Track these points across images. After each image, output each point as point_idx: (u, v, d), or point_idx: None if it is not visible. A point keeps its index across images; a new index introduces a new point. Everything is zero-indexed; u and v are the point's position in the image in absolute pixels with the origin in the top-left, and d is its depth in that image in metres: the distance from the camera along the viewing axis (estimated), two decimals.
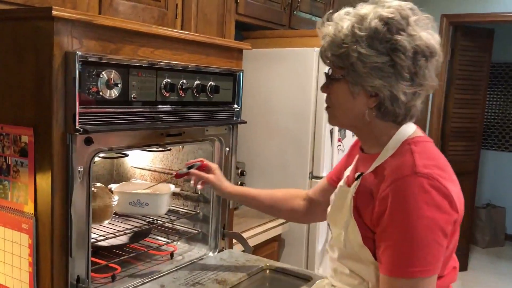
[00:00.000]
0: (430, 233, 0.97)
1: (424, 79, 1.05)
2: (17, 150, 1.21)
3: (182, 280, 1.43)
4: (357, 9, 1.08)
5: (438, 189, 0.98)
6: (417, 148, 1.06)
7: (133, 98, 1.30)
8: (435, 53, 1.06)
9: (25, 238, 1.21)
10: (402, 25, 1.03)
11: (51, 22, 1.10)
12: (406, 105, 1.07)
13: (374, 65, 1.03)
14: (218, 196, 1.68)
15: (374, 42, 1.02)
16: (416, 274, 0.97)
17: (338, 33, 1.06)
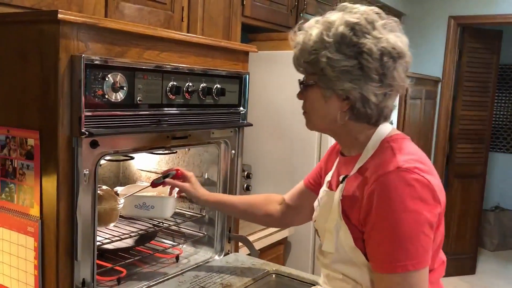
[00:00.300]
0: (417, 226, 0.99)
1: (393, 80, 1.08)
2: (23, 153, 1.21)
3: (188, 283, 1.43)
4: (326, 17, 1.12)
5: (421, 182, 1.00)
6: (397, 145, 1.09)
7: (138, 101, 1.30)
8: (403, 54, 1.09)
9: (31, 241, 1.21)
10: (368, 29, 1.06)
11: (57, 26, 1.10)
12: (378, 106, 1.10)
13: (343, 69, 1.06)
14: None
15: (342, 46, 1.06)
16: (409, 267, 0.98)
17: (308, 41, 1.11)
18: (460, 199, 4.50)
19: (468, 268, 4.59)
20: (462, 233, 4.54)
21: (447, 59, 4.29)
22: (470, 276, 4.56)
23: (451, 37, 4.25)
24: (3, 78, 1.24)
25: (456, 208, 4.51)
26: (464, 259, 4.57)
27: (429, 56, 4.34)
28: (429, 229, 1.00)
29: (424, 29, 4.36)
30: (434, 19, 4.31)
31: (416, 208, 0.99)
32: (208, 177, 1.77)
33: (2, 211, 1.27)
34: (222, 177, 1.70)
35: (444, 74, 4.31)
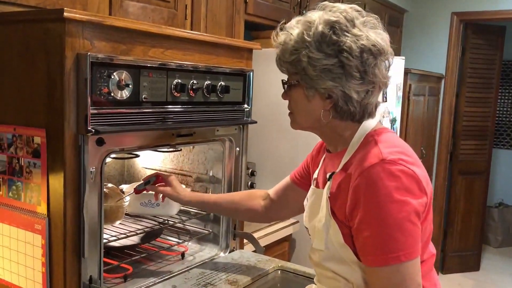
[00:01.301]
0: (405, 216, 0.99)
1: (374, 77, 1.09)
2: (30, 151, 1.22)
3: (194, 280, 1.43)
4: (306, 16, 1.12)
5: (406, 173, 1.01)
6: (381, 138, 1.10)
7: (144, 98, 1.30)
8: (383, 51, 1.09)
9: (38, 239, 1.22)
10: (348, 27, 1.07)
11: (63, 24, 1.11)
12: (361, 103, 1.11)
13: (323, 68, 1.07)
14: None
15: (322, 45, 1.07)
16: (401, 258, 0.98)
17: (289, 41, 1.11)
18: (464, 196, 4.50)
19: (473, 264, 4.59)
20: (466, 230, 4.54)
21: (450, 56, 4.28)
22: (474, 272, 4.55)
23: (454, 33, 4.24)
24: (9, 77, 1.25)
25: (460, 205, 4.50)
26: (468, 255, 4.57)
27: (432, 53, 4.34)
28: (416, 218, 1.00)
29: (427, 25, 4.35)
30: (437, 15, 4.30)
31: (403, 199, 0.99)
32: (213, 174, 1.78)
33: (9, 209, 1.28)
34: (226, 175, 1.71)
35: (447, 71, 4.30)
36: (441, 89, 4.34)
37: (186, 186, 1.81)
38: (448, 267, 4.50)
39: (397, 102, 3.10)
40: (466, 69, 4.36)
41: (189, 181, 1.84)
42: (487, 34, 4.37)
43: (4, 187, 1.29)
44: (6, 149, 1.27)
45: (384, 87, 1.14)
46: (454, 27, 4.23)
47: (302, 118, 1.18)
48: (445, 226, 4.52)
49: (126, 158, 1.88)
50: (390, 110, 2.98)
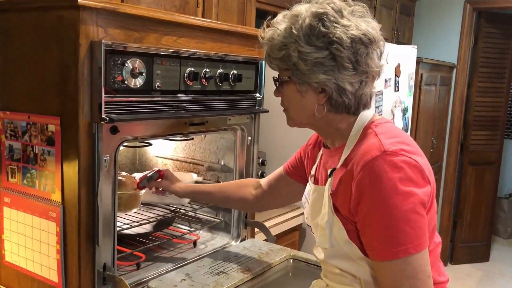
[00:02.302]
0: (411, 208, 0.97)
1: (367, 67, 1.07)
2: (44, 139, 1.22)
3: (207, 268, 1.44)
4: (293, 10, 1.10)
5: (409, 163, 0.99)
6: (380, 129, 1.08)
7: (157, 87, 1.30)
8: (374, 40, 1.07)
9: (53, 226, 1.23)
10: (336, 18, 1.05)
11: (77, 11, 1.10)
12: (355, 95, 1.09)
13: (315, 61, 1.05)
14: None
15: (312, 38, 1.05)
16: (410, 250, 0.97)
17: (277, 37, 1.09)
18: (474, 186, 4.47)
19: (482, 255, 4.57)
20: (476, 221, 4.52)
21: (463, 45, 4.23)
22: (483, 263, 4.54)
23: (467, 22, 4.18)
24: (23, 65, 1.25)
25: (470, 196, 4.48)
26: (478, 246, 4.56)
27: (444, 42, 4.29)
28: (422, 209, 0.99)
29: (439, 14, 4.30)
30: (449, 3, 4.24)
31: (408, 190, 0.97)
32: (225, 163, 1.78)
33: (24, 196, 1.29)
34: (238, 164, 1.71)
35: (459, 60, 4.25)
36: (452, 78, 4.30)
37: (198, 175, 1.81)
38: (457, 257, 4.49)
39: (409, 92, 3.07)
40: (478, 58, 4.30)
41: (200, 170, 1.84)
42: (500, 23, 4.30)
43: (18, 175, 1.30)
44: (21, 137, 1.28)
45: (377, 76, 1.12)
46: (466, 16, 4.18)
47: (297, 114, 1.16)
48: (455, 217, 4.50)
49: (139, 146, 1.88)
50: (402, 100, 2.96)
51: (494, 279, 4.21)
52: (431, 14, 4.32)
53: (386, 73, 2.73)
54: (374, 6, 3.50)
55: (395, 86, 2.84)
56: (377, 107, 2.65)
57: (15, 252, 1.33)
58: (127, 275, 1.39)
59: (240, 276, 1.40)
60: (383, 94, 2.70)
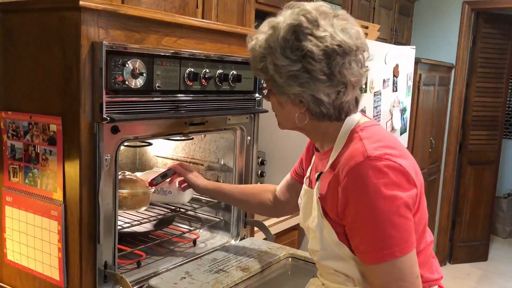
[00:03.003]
0: (396, 211, 0.99)
1: (343, 77, 1.05)
2: (46, 139, 1.24)
3: (206, 267, 1.45)
4: (274, 19, 1.10)
5: (393, 168, 1.00)
6: (365, 134, 1.09)
7: (157, 87, 1.31)
8: (351, 49, 1.05)
9: (54, 225, 1.24)
10: (310, 29, 1.04)
11: (78, 13, 1.12)
12: (334, 105, 1.09)
13: (289, 74, 1.05)
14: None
15: (286, 51, 1.05)
16: (396, 254, 0.99)
17: (258, 48, 1.10)
18: (473, 186, 4.49)
19: (481, 254, 4.59)
20: (475, 220, 4.54)
21: (461, 45, 4.24)
22: (482, 262, 4.56)
23: (465, 22, 4.20)
24: (25, 66, 1.26)
25: (469, 195, 4.49)
26: (476, 246, 4.57)
27: (442, 42, 4.30)
28: (408, 211, 1.00)
29: (438, 14, 4.31)
30: (448, 4, 4.26)
31: (392, 194, 0.98)
32: (224, 163, 1.79)
33: (26, 195, 1.30)
34: (238, 164, 1.72)
35: (458, 60, 4.27)
36: (451, 78, 4.32)
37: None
38: (456, 257, 4.51)
39: (408, 92, 3.09)
40: (477, 58, 4.32)
41: (200, 169, 1.85)
42: (498, 23, 4.32)
43: (20, 174, 1.31)
44: (22, 137, 1.29)
45: (357, 84, 1.11)
46: (465, 16, 4.19)
47: (283, 121, 1.19)
48: (454, 216, 4.52)
49: (140, 146, 1.90)
50: (400, 100, 2.97)
51: (493, 278, 4.23)
52: (430, 14, 4.33)
53: (385, 74, 2.75)
54: (373, 6, 3.52)
55: (393, 86, 2.85)
56: (376, 107, 2.67)
57: (17, 250, 1.35)
58: (128, 273, 1.41)
59: (239, 274, 1.42)
60: (382, 94, 2.72)
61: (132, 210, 1.59)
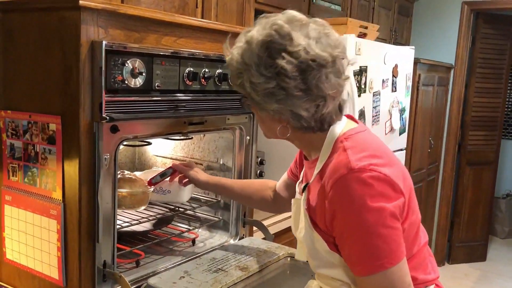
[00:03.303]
0: (383, 223, 0.98)
1: (320, 91, 1.03)
2: (45, 138, 1.24)
3: (205, 266, 1.45)
4: (247, 32, 1.06)
5: (378, 178, 0.99)
6: (349, 143, 1.07)
7: (157, 86, 1.31)
8: (326, 61, 1.01)
9: (54, 224, 1.25)
10: (283, 45, 1.00)
11: (78, 12, 1.12)
12: (315, 118, 1.07)
13: (266, 92, 1.03)
14: None
15: (261, 68, 1.02)
16: (386, 265, 0.98)
17: (234, 63, 1.07)
18: (471, 186, 4.49)
19: (479, 255, 4.60)
20: (474, 221, 4.54)
21: (460, 45, 4.25)
22: (481, 263, 4.56)
23: (464, 23, 4.21)
24: (25, 65, 1.26)
25: (468, 196, 4.50)
26: (475, 246, 4.58)
27: (442, 43, 4.31)
28: (395, 221, 0.99)
29: (437, 15, 4.32)
30: (447, 4, 4.26)
31: (378, 206, 0.97)
32: (223, 162, 1.79)
33: (25, 194, 1.30)
34: (237, 163, 1.72)
35: (457, 61, 4.27)
36: (450, 79, 4.32)
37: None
38: (455, 257, 4.51)
39: (407, 92, 3.09)
40: (476, 59, 4.32)
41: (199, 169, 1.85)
42: (498, 23, 4.33)
43: (20, 173, 1.31)
44: (22, 136, 1.30)
45: (338, 95, 1.08)
46: (464, 17, 4.20)
47: (266, 132, 1.18)
48: (452, 217, 4.52)
49: (139, 145, 1.90)
50: (399, 100, 2.98)
51: (492, 278, 4.23)
52: (429, 15, 4.34)
53: (384, 74, 2.75)
54: (372, 6, 3.52)
55: (392, 86, 2.86)
56: (375, 107, 2.67)
57: (16, 249, 1.35)
58: (127, 273, 1.41)
59: (238, 273, 1.42)
60: (381, 95, 2.72)
61: (131, 210, 1.60)
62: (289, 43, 1.00)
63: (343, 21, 2.55)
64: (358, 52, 2.41)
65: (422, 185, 4.03)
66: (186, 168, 1.57)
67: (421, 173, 3.97)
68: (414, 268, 1.09)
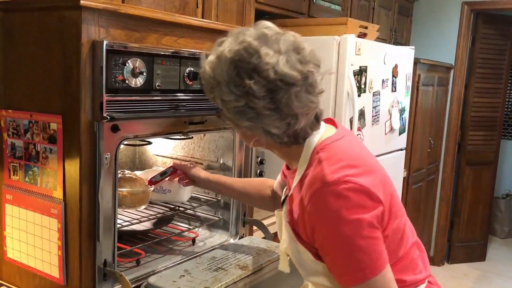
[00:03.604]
0: (361, 234, 0.97)
1: (290, 110, 1.01)
2: (46, 137, 1.25)
3: (205, 265, 1.46)
4: (218, 47, 1.04)
5: (353, 189, 0.98)
6: (325, 154, 1.05)
7: (157, 86, 1.32)
8: (296, 79, 0.99)
9: (54, 223, 1.25)
10: (251, 64, 0.98)
11: (79, 12, 1.12)
12: (287, 134, 1.06)
13: (236, 110, 1.02)
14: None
15: (230, 86, 1.00)
16: (368, 276, 0.98)
17: (207, 77, 1.06)
18: (471, 186, 4.50)
19: (479, 255, 4.60)
20: (473, 220, 4.55)
21: (460, 46, 4.25)
22: (480, 263, 4.57)
23: (464, 23, 4.21)
24: (26, 64, 1.27)
25: (467, 195, 4.50)
26: (474, 246, 4.58)
27: (441, 43, 4.31)
28: (374, 230, 0.99)
29: (437, 15, 4.32)
30: (447, 4, 4.27)
31: (355, 218, 0.97)
32: (224, 162, 1.80)
33: (26, 193, 1.31)
34: (237, 163, 1.73)
35: (457, 61, 4.27)
36: (450, 79, 4.33)
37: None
38: (454, 257, 4.52)
39: (406, 92, 3.09)
40: (476, 59, 4.33)
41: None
42: (497, 24, 4.33)
43: (20, 172, 1.32)
44: (23, 135, 1.30)
45: (310, 111, 1.06)
46: (464, 17, 4.20)
47: (246, 142, 1.17)
48: (452, 216, 4.53)
49: (139, 145, 1.90)
50: (399, 100, 2.98)
51: (491, 278, 4.24)
52: (429, 15, 4.34)
53: (384, 74, 2.75)
54: (372, 6, 3.52)
55: (392, 86, 2.86)
56: (375, 107, 2.67)
57: (17, 248, 1.36)
58: (127, 272, 1.41)
59: (238, 272, 1.42)
60: (381, 94, 2.73)
61: (132, 209, 1.60)
62: (257, 62, 0.98)
63: (343, 21, 2.55)
64: (358, 52, 2.42)
65: (421, 185, 4.03)
66: (186, 167, 1.58)
67: (420, 173, 3.97)
68: (401, 271, 1.09)
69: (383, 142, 2.86)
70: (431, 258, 4.36)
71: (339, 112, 2.41)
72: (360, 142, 1.23)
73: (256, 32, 1.02)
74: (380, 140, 2.82)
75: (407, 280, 1.11)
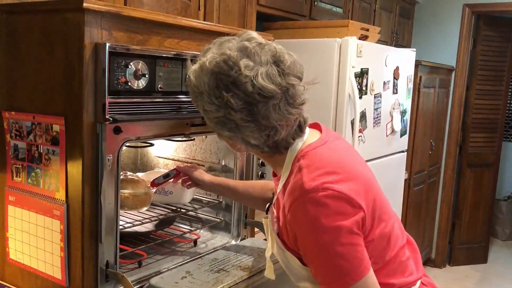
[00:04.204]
0: (341, 241, 0.98)
1: (269, 122, 1.01)
2: (49, 139, 1.25)
3: (207, 266, 1.46)
4: (202, 56, 1.06)
5: (332, 197, 0.98)
6: (306, 161, 1.06)
7: (159, 88, 1.33)
8: (274, 92, 0.99)
9: (57, 224, 1.26)
10: (231, 77, 0.99)
11: (82, 14, 1.13)
12: (267, 144, 1.07)
13: (216, 120, 1.04)
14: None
15: (211, 97, 1.02)
16: (349, 282, 0.99)
17: (192, 86, 1.07)
18: (472, 188, 4.50)
19: (480, 257, 4.60)
20: (474, 222, 4.54)
21: (461, 48, 4.26)
22: (481, 265, 4.56)
23: (466, 25, 4.22)
24: (29, 66, 1.28)
25: (469, 197, 4.50)
26: (476, 248, 4.58)
27: (443, 45, 4.32)
28: (355, 237, 0.99)
29: (438, 17, 4.33)
30: (448, 7, 4.27)
31: (335, 225, 0.97)
32: (225, 164, 1.80)
33: (29, 195, 1.31)
34: (238, 165, 1.73)
35: (458, 63, 4.28)
36: (451, 81, 4.33)
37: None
38: (456, 259, 4.52)
39: (408, 94, 3.10)
40: (477, 61, 4.33)
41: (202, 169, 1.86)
42: (499, 26, 4.34)
43: (23, 174, 1.32)
44: (26, 137, 1.31)
45: (290, 123, 1.05)
46: (465, 19, 4.21)
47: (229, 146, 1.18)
48: (453, 218, 4.53)
49: (142, 146, 1.91)
50: (400, 102, 2.98)
51: (492, 280, 4.23)
52: (431, 17, 4.35)
53: (385, 76, 2.76)
54: (373, 9, 3.53)
55: (393, 88, 2.87)
56: (376, 109, 2.68)
57: (19, 249, 1.36)
58: (129, 273, 1.41)
59: (239, 273, 1.43)
60: (382, 97, 2.73)
61: (134, 210, 1.60)
62: (236, 75, 0.98)
63: (345, 23, 2.55)
64: (359, 54, 2.42)
65: (423, 187, 4.04)
66: (189, 169, 1.58)
67: (422, 175, 3.97)
68: (388, 274, 1.09)
69: (384, 144, 2.86)
70: (432, 260, 4.36)
71: (340, 114, 2.42)
72: (348, 146, 1.21)
73: (237, 45, 1.03)
74: (382, 142, 2.83)
75: (395, 284, 1.11)
